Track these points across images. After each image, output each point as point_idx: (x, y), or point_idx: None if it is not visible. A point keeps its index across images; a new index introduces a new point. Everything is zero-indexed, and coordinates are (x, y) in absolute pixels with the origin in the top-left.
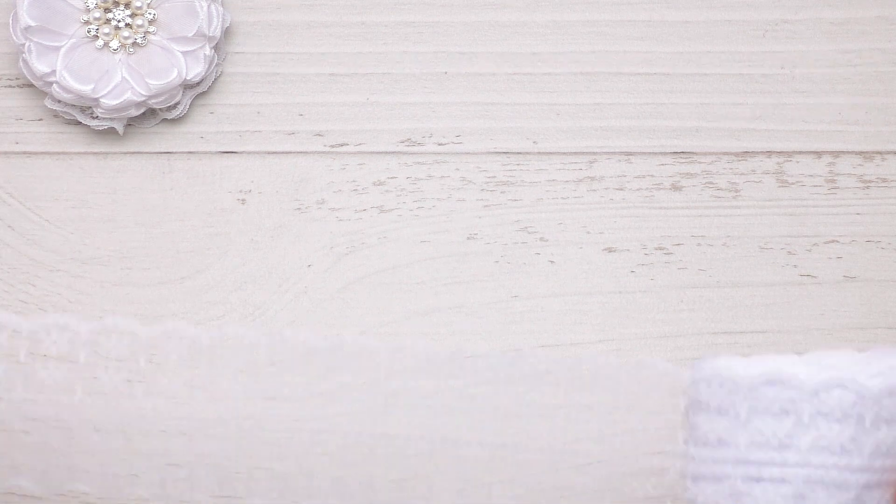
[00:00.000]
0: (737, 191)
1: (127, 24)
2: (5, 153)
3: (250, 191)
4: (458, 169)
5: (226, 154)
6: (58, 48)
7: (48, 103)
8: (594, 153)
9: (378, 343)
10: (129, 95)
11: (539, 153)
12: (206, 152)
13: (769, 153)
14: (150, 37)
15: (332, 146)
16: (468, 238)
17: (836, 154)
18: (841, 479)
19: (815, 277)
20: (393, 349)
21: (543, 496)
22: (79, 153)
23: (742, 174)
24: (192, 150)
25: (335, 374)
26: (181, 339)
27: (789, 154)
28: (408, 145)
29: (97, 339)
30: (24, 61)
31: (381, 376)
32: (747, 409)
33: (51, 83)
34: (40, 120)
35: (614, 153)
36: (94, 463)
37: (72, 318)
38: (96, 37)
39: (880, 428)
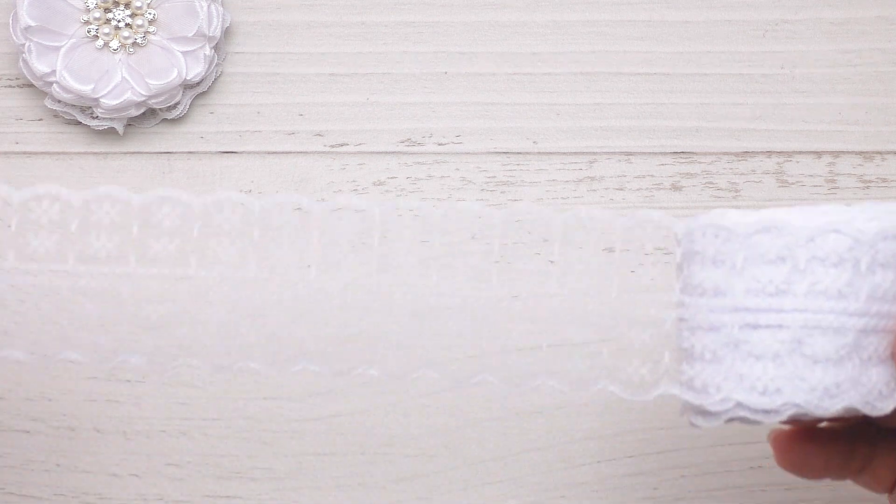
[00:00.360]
0: (737, 191)
1: (127, 24)
2: (5, 153)
3: (250, 191)
4: (458, 169)
5: (226, 154)
6: (58, 48)
7: (48, 103)
8: (594, 153)
9: (370, 203)
10: (129, 95)
11: (539, 153)
12: (206, 152)
13: (769, 153)
14: (150, 37)
15: (332, 146)
16: (468, 238)
17: (836, 154)
18: (838, 324)
19: None
20: (385, 210)
21: (539, 348)
22: (79, 153)
23: (742, 174)
24: (192, 150)
25: (327, 235)
26: (174, 205)
27: (789, 154)
28: (408, 145)
29: (89, 207)
30: (24, 61)
31: (374, 237)
32: (743, 258)
33: (51, 83)
34: (40, 120)
35: (614, 153)
36: (87, 331)
37: (63, 189)
38: (96, 37)
39: (876, 272)
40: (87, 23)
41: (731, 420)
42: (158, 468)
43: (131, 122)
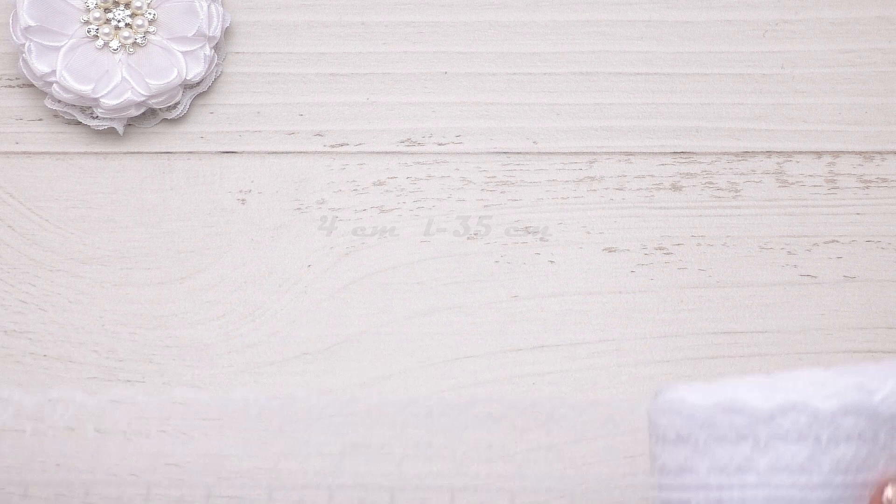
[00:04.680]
0: (737, 191)
1: (127, 24)
2: (5, 153)
3: (250, 191)
4: (458, 169)
5: (226, 154)
6: (58, 48)
7: (48, 103)
8: (594, 153)
9: (330, 397)
10: (129, 95)
11: (539, 153)
12: (206, 152)
13: (769, 153)
14: (150, 37)
15: (332, 146)
16: (468, 238)
17: (836, 154)
18: (801, 497)
19: (815, 277)
20: (346, 402)
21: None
22: (79, 153)
23: (742, 174)
24: (192, 150)
25: (288, 427)
26: (186, 405)
27: (789, 154)
28: (408, 145)
29: (104, 409)
30: (24, 61)
31: (337, 428)
32: (705, 437)
33: (51, 83)
34: (40, 120)
35: (614, 153)
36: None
37: (77, 392)
38: (96, 37)
39: (838, 445)
40: (87, 23)
41: None
42: (158, 468)
43: (131, 122)
